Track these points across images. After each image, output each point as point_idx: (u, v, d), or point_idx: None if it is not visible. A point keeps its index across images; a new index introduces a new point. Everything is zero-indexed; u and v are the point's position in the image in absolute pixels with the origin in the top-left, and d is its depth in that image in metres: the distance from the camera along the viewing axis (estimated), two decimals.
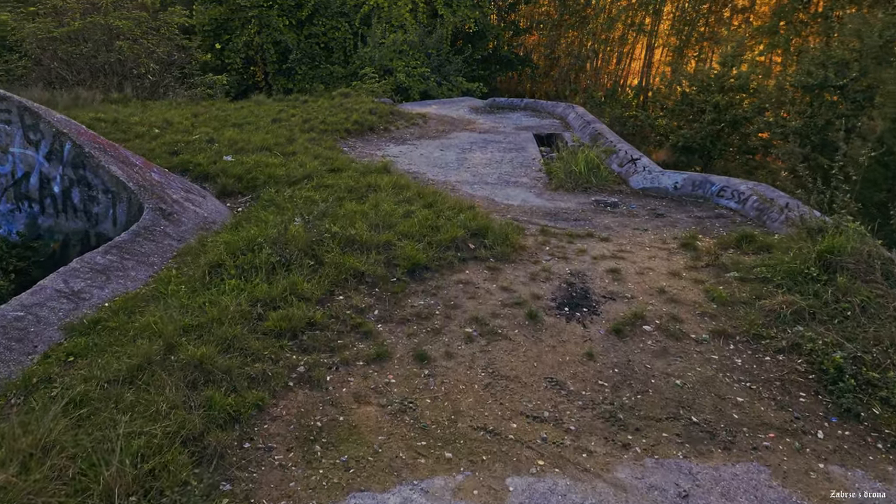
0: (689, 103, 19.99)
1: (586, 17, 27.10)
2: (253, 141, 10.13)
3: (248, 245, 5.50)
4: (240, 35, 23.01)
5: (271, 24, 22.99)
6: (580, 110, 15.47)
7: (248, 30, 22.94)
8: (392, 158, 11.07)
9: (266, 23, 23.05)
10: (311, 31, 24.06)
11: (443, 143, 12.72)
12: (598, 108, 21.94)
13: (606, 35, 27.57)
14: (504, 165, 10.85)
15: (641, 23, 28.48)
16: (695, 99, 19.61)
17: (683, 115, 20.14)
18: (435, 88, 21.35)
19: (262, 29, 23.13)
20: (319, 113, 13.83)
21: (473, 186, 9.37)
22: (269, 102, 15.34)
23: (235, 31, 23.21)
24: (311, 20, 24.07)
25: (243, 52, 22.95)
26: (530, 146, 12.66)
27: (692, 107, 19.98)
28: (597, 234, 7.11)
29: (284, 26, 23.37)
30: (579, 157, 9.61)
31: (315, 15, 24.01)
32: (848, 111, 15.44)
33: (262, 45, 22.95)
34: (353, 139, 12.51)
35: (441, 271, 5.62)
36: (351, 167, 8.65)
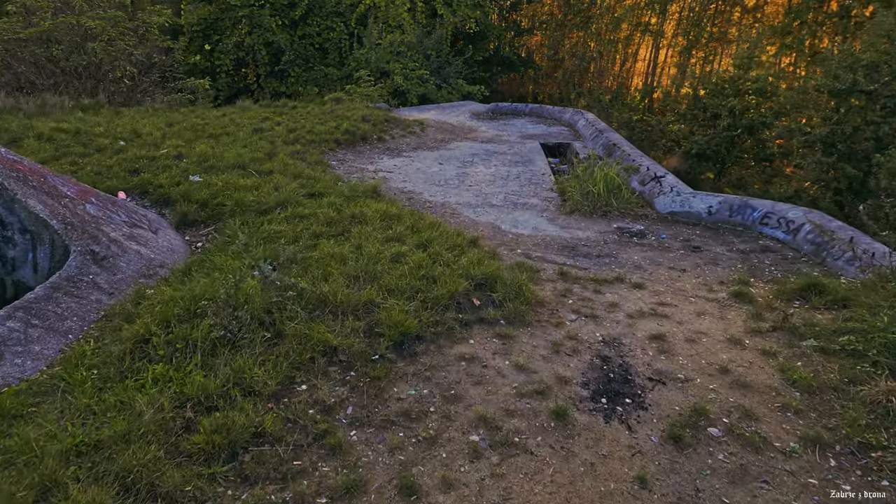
0: (703, 107, 18.66)
1: (591, 17, 25.73)
2: (227, 157, 8.81)
3: (188, 309, 4.18)
4: (230, 36, 21.67)
5: (263, 24, 21.65)
6: (590, 117, 14.13)
7: (239, 30, 21.60)
8: (385, 174, 9.74)
9: (257, 23, 21.71)
10: (305, 32, 22.72)
11: (442, 155, 11.39)
12: (606, 113, 20.61)
13: (612, 35, 26.20)
14: (510, 182, 9.52)
15: (647, 23, 27.13)
16: (709, 103, 18.27)
17: (696, 119, 18.81)
18: (434, 92, 20.02)
19: (254, 29, 21.79)
20: (308, 121, 12.50)
21: (476, 210, 8.05)
22: (254, 109, 14.01)
23: (226, 31, 21.87)
24: (305, 20, 22.73)
25: (234, 54, 21.61)
26: (538, 158, 11.33)
27: (705, 111, 18.64)
28: (627, 277, 5.79)
29: (277, 26, 22.03)
30: (597, 176, 8.28)
31: (309, 15, 22.67)
32: (878, 117, 14.11)
33: (254, 47, 21.61)
34: (343, 151, 11.19)
35: (438, 342, 4.30)
36: (334, 190, 7.32)
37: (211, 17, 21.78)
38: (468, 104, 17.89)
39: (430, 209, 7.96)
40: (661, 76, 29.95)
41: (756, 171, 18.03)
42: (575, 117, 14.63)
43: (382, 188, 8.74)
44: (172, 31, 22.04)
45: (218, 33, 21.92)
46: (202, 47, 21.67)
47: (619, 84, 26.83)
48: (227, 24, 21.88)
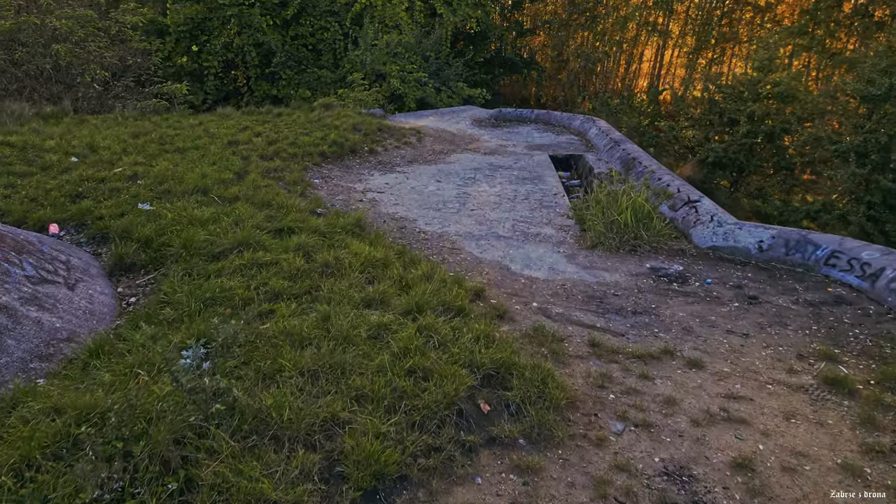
0: (719, 112, 17.25)
1: (596, 17, 24.29)
2: (189, 178, 7.41)
3: (64, 435, 2.80)
4: (218, 36, 20.24)
5: (253, 23, 20.21)
6: (602, 125, 12.72)
7: (227, 30, 20.17)
8: (374, 195, 8.35)
9: (247, 23, 20.27)
10: (298, 32, 21.28)
11: (440, 171, 9.99)
12: (614, 117, 19.19)
13: (618, 35, 24.77)
14: (519, 206, 8.13)
15: (654, 22, 25.70)
16: (725, 108, 16.86)
17: (711, 125, 17.41)
18: (433, 95, 18.61)
19: (243, 29, 20.36)
20: (292, 131, 11.11)
21: (480, 243, 6.66)
22: (236, 116, 12.61)
23: (214, 31, 20.44)
24: (298, 20, 21.29)
25: (222, 55, 20.18)
26: (548, 174, 9.93)
27: (721, 116, 17.24)
28: (678, 348, 4.40)
29: (268, 26, 20.59)
30: (622, 202, 6.88)
31: (302, 14, 21.23)
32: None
33: (243, 47, 20.18)
34: (329, 166, 9.79)
35: (429, 484, 2.90)
36: (308, 225, 5.91)
37: (198, 17, 20.33)
38: (469, 109, 16.49)
39: (426, 243, 6.57)
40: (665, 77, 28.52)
41: (777, 180, 16.63)
42: (585, 125, 13.22)
43: (370, 215, 7.34)
44: (158, 32, 20.67)
45: (206, 34, 20.49)
46: (189, 48, 20.24)
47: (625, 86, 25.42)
48: (216, 23, 20.45)
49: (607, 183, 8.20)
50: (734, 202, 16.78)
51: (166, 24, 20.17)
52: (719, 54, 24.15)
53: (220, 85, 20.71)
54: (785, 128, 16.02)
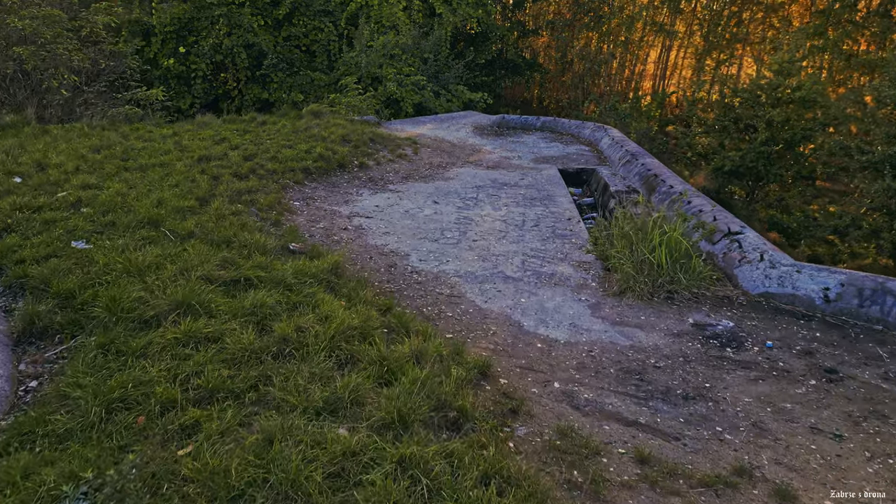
0: (735, 119, 16.02)
1: (602, 17, 23.03)
2: (141, 205, 6.20)
3: None
4: (206, 37, 19.01)
5: (243, 24, 18.99)
6: (615, 134, 11.51)
7: (216, 31, 18.94)
8: (362, 221, 7.15)
9: (236, 23, 19.06)
10: (290, 33, 20.06)
11: (438, 189, 8.79)
12: (623, 123, 17.98)
13: (625, 36, 23.52)
14: (528, 234, 6.92)
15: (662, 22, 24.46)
16: (742, 114, 15.64)
17: (726, 131, 16.18)
18: (432, 100, 17.38)
19: (233, 30, 19.14)
20: (274, 142, 9.90)
21: (484, 287, 5.46)
22: (215, 125, 11.39)
23: (202, 32, 19.22)
24: (290, 20, 20.07)
25: (210, 57, 18.96)
26: (559, 193, 8.73)
27: (737, 122, 16.02)
28: (755, 465, 3.20)
29: (259, 27, 19.38)
30: (653, 236, 5.68)
31: (294, 14, 20.01)
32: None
33: (232, 49, 18.95)
34: (313, 184, 8.59)
35: None
36: (271, 275, 4.68)
37: (185, 17, 19.11)
38: (470, 115, 15.28)
39: (419, 289, 5.37)
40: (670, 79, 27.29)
41: (797, 191, 15.41)
42: (597, 134, 12.01)
43: (354, 249, 6.13)
44: (144, 32, 19.46)
45: (194, 34, 19.26)
46: (176, 50, 19.02)
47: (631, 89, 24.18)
48: (204, 24, 19.22)
49: (629, 208, 7.00)
50: (751, 213, 15.57)
51: (152, 24, 18.97)
52: (729, 55, 22.90)
53: (208, 88, 19.49)
54: (806, 135, 14.81)
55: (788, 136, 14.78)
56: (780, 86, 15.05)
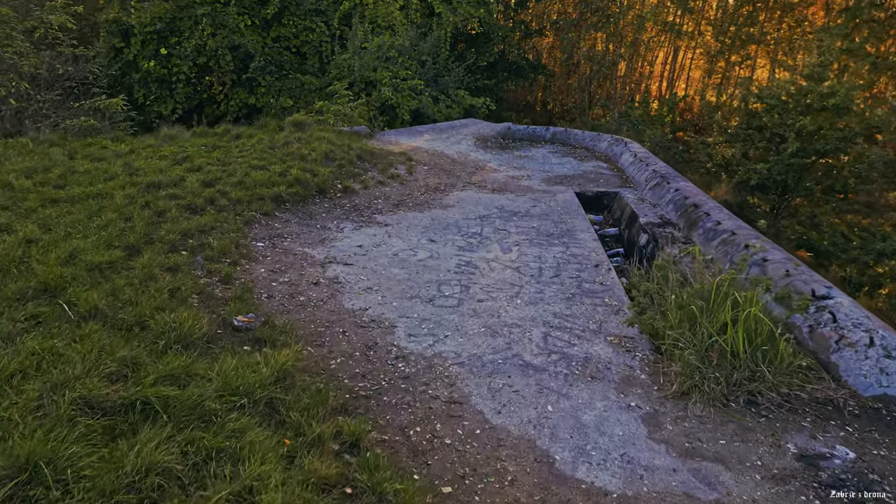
0: (759, 127, 14.45)
1: (610, 16, 21.41)
2: (48, 259, 4.63)
3: None
4: (189, 38, 17.42)
5: (228, 24, 17.39)
6: (637, 149, 9.94)
7: (199, 31, 17.34)
8: (339, 271, 5.58)
9: (221, 23, 17.45)
10: (280, 34, 18.46)
11: (434, 221, 7.22)
12: (636, 130, 16.38)
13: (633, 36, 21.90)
14: (548, 291, 5.36)
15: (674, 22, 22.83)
16: (769, 122, 14.07)
17: (751, 141, 14.60)
18: (430, 106, 15.79)
19: (217, 30, 17.54)
20: (244, 162, 8.33)
21: (495, 384, 3.90)
22: (182, 139, 9.81)
23: (185, 32, 17.62)
24: (279, 19, 18.47)
25: (193, 59, 17.35)
26: (579, 225, 7.16)
27: (762, 131, 14.45)
28: None
29: (245, 27, 17.77)
30: (721, 310, 4.12)
31: (284, 13, 18.41)
32: None
33: (217, 51, 17.35)
34: (285, 216, 7.02)
35: None
36: (185, 393, 3.09)
37: (167, 16, 17.51)
38: (471, 123, 13.70)
39: (404, 390, 3.81)
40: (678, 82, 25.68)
41: (829, 207, 13.84)
42: (615, 149, 10.43)
43: (322, 317, 4.56)
44: (123, 33, 17.87)
45: (176, 35, 17.66)
46: (157, 51, 17.42)
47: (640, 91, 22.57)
48: (187, 23, 17.63)
49: (669, 249, 5.46)
50: (777, 231, 14.02)
51: (131, 24, 17.37)
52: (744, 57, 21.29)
53: (192, 92, 17.88)
54: (839, 146, 13.24)
55: (821, 147, 13.22)
56: (812, 92, 13.47)
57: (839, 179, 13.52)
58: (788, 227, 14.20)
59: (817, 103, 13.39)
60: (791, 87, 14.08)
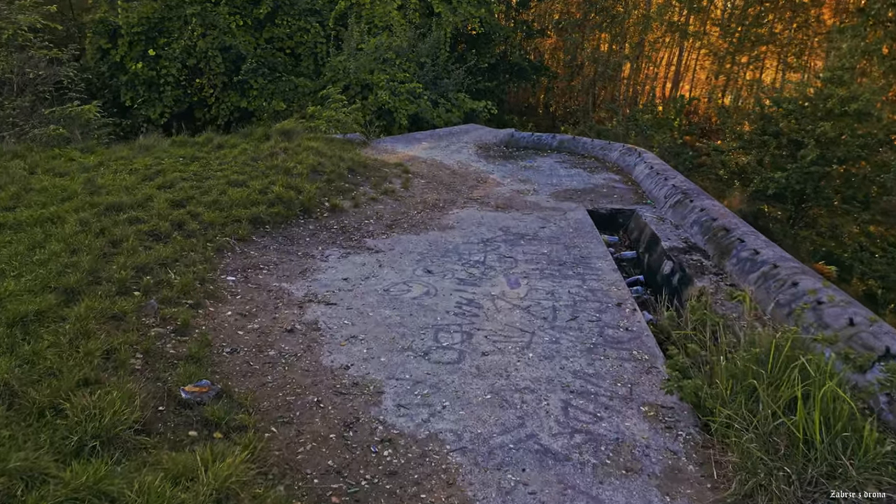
0: (775, 133, 13.57)
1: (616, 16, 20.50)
2: None
3: None
4: (178, 39, 16.54)
5: (218, 24, 16.50)
6: (653, 161, 9.08)
7: (189, 32, 16.46)
8: (319, 314, 4.70)
9: (212, 23, 16.57)
10: (273, 34, 17.57)
11: (432, 246, 6.35)
12: (645, 136, 15.50)
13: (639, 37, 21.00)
14: (565, 340, 4.49)
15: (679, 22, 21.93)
16: (787, 128, 13.19)
17: (766, 147, 13.73)
18: (429, 110, 14.91)
19: (208, 31, 16.65)
20: (222, 177, 7.46)
21: (505, 481, 3.02)
22: (159, 149, 8.93)
23: (174, 33, 16.74)
24: (273, 20, 17.58)
25: (182, 60, 16.47)
26: (595, 252, 6.29)
27: (779, 137, 13.57)
28: None
29: (237, 27, 16.88)
30: (788, 381, 3.27)
31: (277, 13, 17.52)
32: None
33: (207, 52, 16.47)
34: (262, 241, 6.16)
35: None
36: None
37: (155, 16, 16.63)
38: (472, 130, 12.83)
39: (391, 483, 2.94)
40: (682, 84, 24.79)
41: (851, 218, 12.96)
42: (628, 159, 9.56)
43: (290, 390, 3.70)
44: (110, 33, 16.99)
45: (165, 36, 16.78)
46: (145, 53, 16.54)
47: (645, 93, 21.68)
48: (176, 24, 16.75)
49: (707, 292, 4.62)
50: (796, 243, 13.15)
51: (118, 24, 16.49)
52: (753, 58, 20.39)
53: (181, 95, 17.00)
54: (860, 153, 12.37)
55: (842, 155, 12.35)
56: (832, 96, 12.59)
57: (861, 188, 12.64)
58: (807, 238, 13.34)
59: (838, 108, 12.52)
60: (809, 91, 13.21)
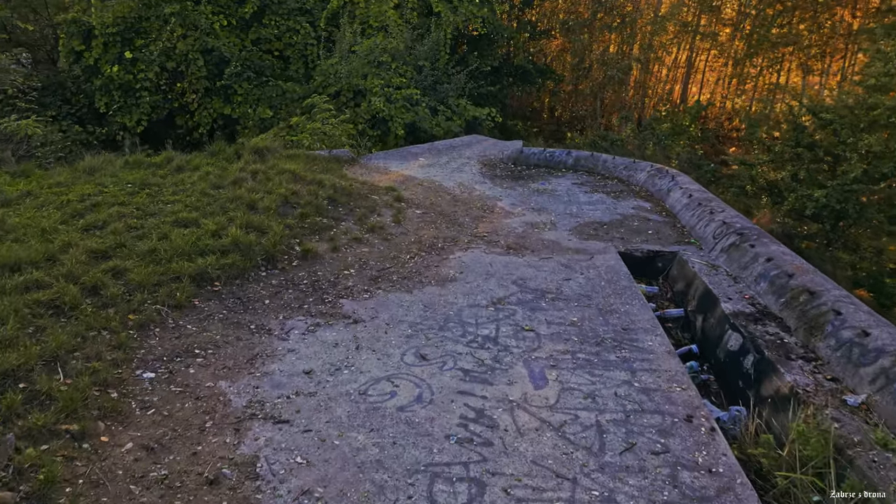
0: (810, 145, 12.02)
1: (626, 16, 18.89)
2: None
3: None
4: (156, 40, 14.97)
5: (199, 24, 14.93)
6: (689, 185, 7.53)
7: (168, 32, 14.88)
8: (263, 440, 3.10)
9: (192, 23, 14.99)
10: (260, 35, 15.97)
11: (427, 312, 4.78)
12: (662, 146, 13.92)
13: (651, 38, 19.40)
14: (622, 498, 2.95)
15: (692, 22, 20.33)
16: (825, 141, 11.63)
17: (800, 160, 12.18)
18: (427, 119, 13.34)
19: (189, 31, 15.08)
20: (171, 213, 5.91)
21: None
22: (107, 172, 7.36)
23: (152, 34, 15.17)
24: (260, 19, 15.99)
25: (160, 63, 14.91)
26: (641, 321, 4.71)
27: (814, 150, 12.01)
28: None
29: (220, 28, 15.30)
30: None
31: (265, 13, 15.93)
32: None
33: (187, 55, 14.90)
34: (206, 307, 4.61)
35: None
36: None
37: (132, 15, 15.06)
38: (475, 142, 11.28)
39: None
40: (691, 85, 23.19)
41: None
42: (659, 183, 8.00)
43: None
44: (84, 34, 15.43)
45: (142, 37, 15.21)
46: (122, 55, 14.98)
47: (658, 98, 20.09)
48: (155, 24, 15.17)
49: (814, 402, 3.10)
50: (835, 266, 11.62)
51: (92, 24, 14.93)
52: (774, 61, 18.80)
53: (161, 101, 15.42)
54: None
55: (889, 171, 10.81)
56: (877, 105, 11.04)
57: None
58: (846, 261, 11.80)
59: (884, 118, 10.96)
60: (849, 99, 11.65)
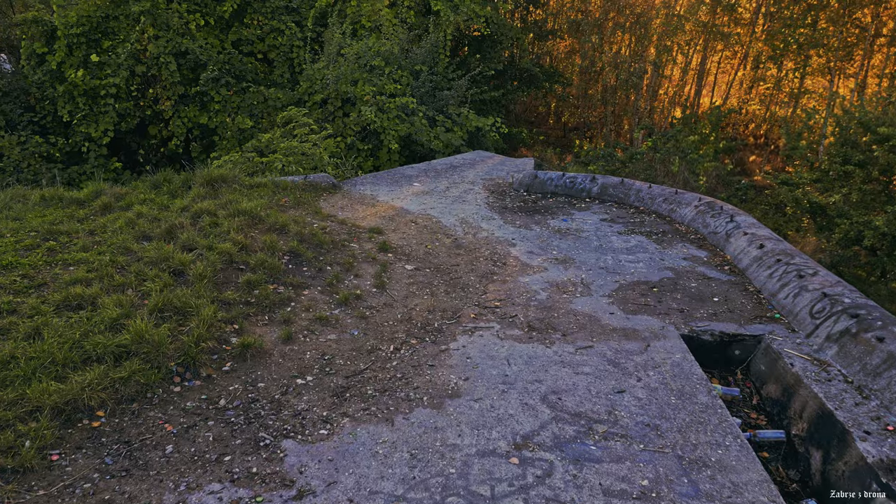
0: (862, 163, 10.25)
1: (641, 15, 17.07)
2: None
3: None
4: (124, 41, 13.20)
5: (172, 25, 13.14)
6: (757, 230, 5.75)
7: (137, 33, 13.10)
8: None
9: (164, 23, 13.20)
10: (241, 36, 14.19)
11: (410, 470, 2.90)
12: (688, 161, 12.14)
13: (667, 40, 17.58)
14: None
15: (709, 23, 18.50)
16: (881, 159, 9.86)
17: (850, 179, 10.42)
18: (424, 131, 11.56)
19: (160, 32, 13.30)
20: (60, 286, 4.13)
21: None
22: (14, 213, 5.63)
23: (121, 35, 13.39)
24: (241, 19, 14.21)
25: (129, 68, 13.12)
26: (744, 485, 2.93)
27: (867, 168, 10.25)
28: None
29: (196, 28, 13.52)
30: None
31: (246, 11, 14.14)
32: None
33: (158, 58, 13.11)
34: (69, 461, 2.82)
35: None
36: None
37: (98, 15, 13.27)
38: (479, 161, 9.51)
39: None
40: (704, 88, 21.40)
41: None
42: (712, 223, 6.21)
43: None
44: (47, 35, 13.67)
45: (110, 38, 13.44)
46: (87, 58, 13.22)
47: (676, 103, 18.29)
48: (124, 23, 13.39)
49: None
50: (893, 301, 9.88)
51: (53, 24, 13.17)
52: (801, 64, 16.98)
53: (132, 109, 13.65)
54: None
55: None
56: None
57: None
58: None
59: None
60: None
